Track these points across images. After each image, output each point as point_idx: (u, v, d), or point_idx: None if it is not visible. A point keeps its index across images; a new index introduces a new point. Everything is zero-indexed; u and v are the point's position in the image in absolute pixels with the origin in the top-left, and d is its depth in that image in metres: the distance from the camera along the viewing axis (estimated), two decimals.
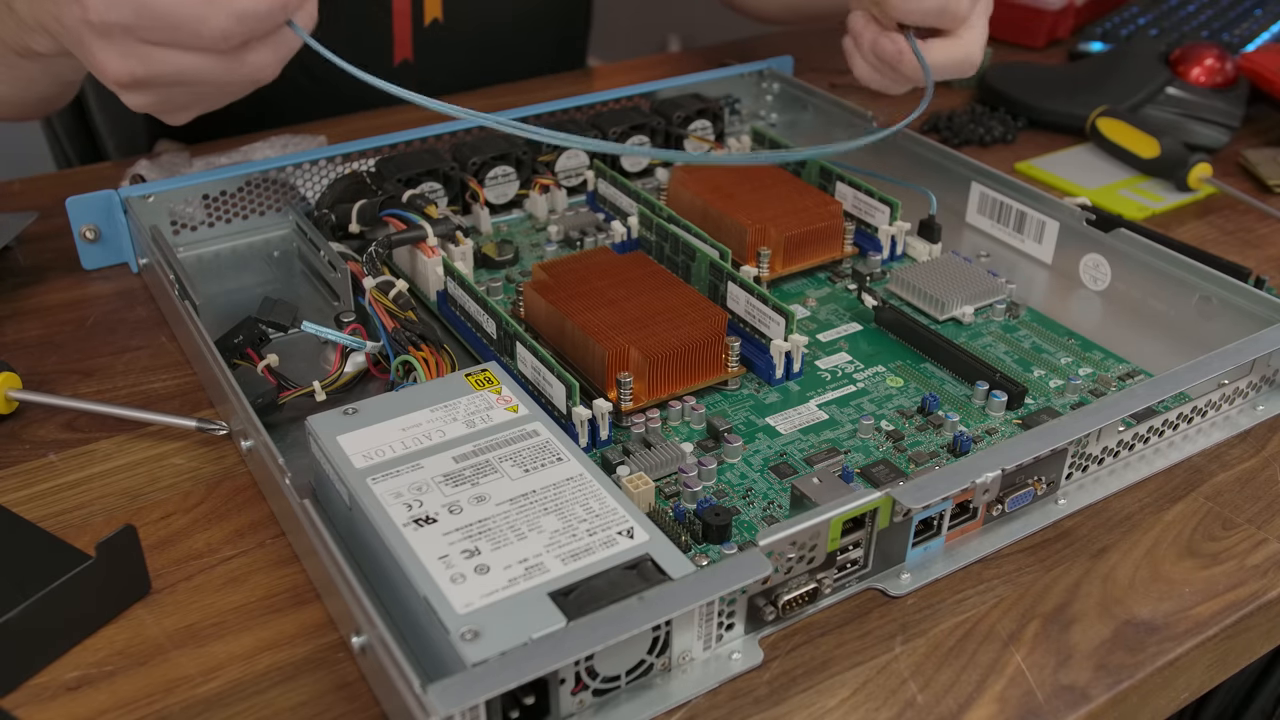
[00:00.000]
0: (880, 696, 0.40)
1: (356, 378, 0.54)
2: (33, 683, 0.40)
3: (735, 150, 0.76)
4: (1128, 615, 0.43)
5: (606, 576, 0.38)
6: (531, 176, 0.70)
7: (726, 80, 0.80)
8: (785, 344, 0.54)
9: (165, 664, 0.41)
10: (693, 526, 0.45)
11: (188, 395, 0.55)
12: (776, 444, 0.51)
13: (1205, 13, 0.99)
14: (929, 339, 0.56)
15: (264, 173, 0.66)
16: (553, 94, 0.81)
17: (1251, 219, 0.72)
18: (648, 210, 0.63)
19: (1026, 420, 0.52)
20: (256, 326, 0.55)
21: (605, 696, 0.39)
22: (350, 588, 0.38)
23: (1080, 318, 0.61)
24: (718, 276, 0.57)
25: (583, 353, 0.53)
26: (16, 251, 0.66)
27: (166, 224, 0.65)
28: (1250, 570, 0.45)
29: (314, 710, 0.39)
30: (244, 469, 0.50)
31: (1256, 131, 0.84)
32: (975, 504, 0.45)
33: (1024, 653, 0.41)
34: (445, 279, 0.58)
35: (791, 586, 0.41)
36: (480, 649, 0.35)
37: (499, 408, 0.46)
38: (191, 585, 0.44)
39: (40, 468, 0.50)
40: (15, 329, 0.60)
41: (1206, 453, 0.52)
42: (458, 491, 0.42)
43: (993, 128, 0.83)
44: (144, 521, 0.47)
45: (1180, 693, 0.43)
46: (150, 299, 0.62)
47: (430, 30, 0.89)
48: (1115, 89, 0.82)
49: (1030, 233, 0.66)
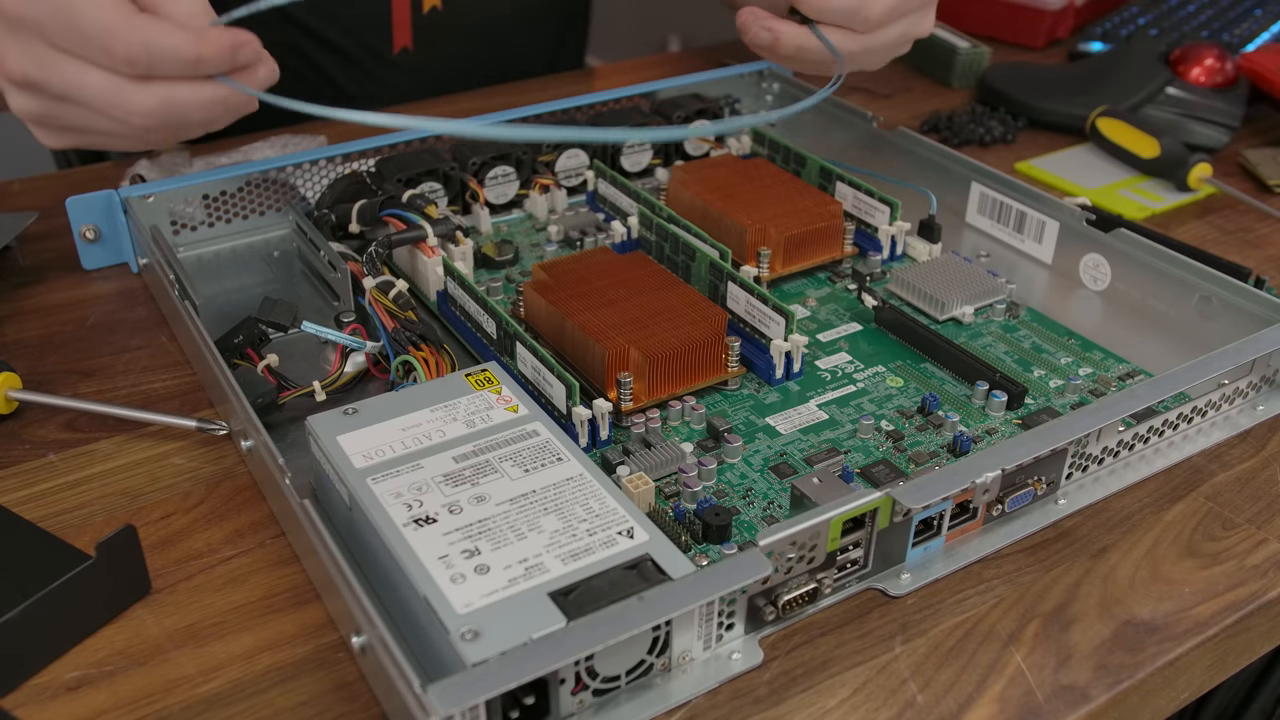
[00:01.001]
0: (880, 696, 0.40)
1: (356, 378, 0.54)
2: (33, 683, 0.40)
3: (736, 151, 0.76)
4: (1128, 615, 0.43)
5: (606, 576, 0.38)
6: (531, 176, 0.70)
7: (726, 80, 0.80)
8: (785, 344, 0.54)
9: (165, 664, 0.41)
10: (693, 526, 0.45)
11: (188, 395, 0.55)
12: (776, 444, 0.51)
13: (1205, 13, 0.99)
14: (929, 339, 0.56)
15: (264, 173, 0.66)
16: (553, 94, 0.81)
17: (1251, 219, 0.72)
18: (648, 210, 0.63)
19: (1026, 420, 0.52)
20: (256, 326, 0.55)
21: (605, 696, 0.39)
22: (350, 588, 0.38)
23: (1080, 318, 0.61)
24: (718, 276, 0.57)
25: (583, 353, 0.53)
26: (16, 251, 0.66)
27: (166, 224, 0.65)
28: (1250, 570, 0.45)
29: (314, 710, 0.39)
30: (244, 469, 0.50)
31: (1256, 131, 0.84)
32: (975, 504, 0.45)
33: (1024, 653, 0.41)
34: (445, 279, 0.58)
35: (791, 586, 0.41)
36: (480, 649, 0.35)
37: (499, 408, 0.46)
38: (191, 585, 0.44)
39: (40, 468, 0.50)
40: (15, 329, 0.60)
41: (1206, 453, 0.52)
42: (458, 491, 0.42)
43: (993, 128, 0.83)
44: (144, 521, 0.47)
45: (1180, 693, 0.43)
46: (150, 299, 0.62)
47: (429, 18, 0.89)
48: (1115, 89, 0.82)
49: (1030, 233, 0.66)
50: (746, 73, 0.81)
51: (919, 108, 0.88)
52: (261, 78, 0.48)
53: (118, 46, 0.44)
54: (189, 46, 0.44)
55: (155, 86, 0.46)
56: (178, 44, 0.44)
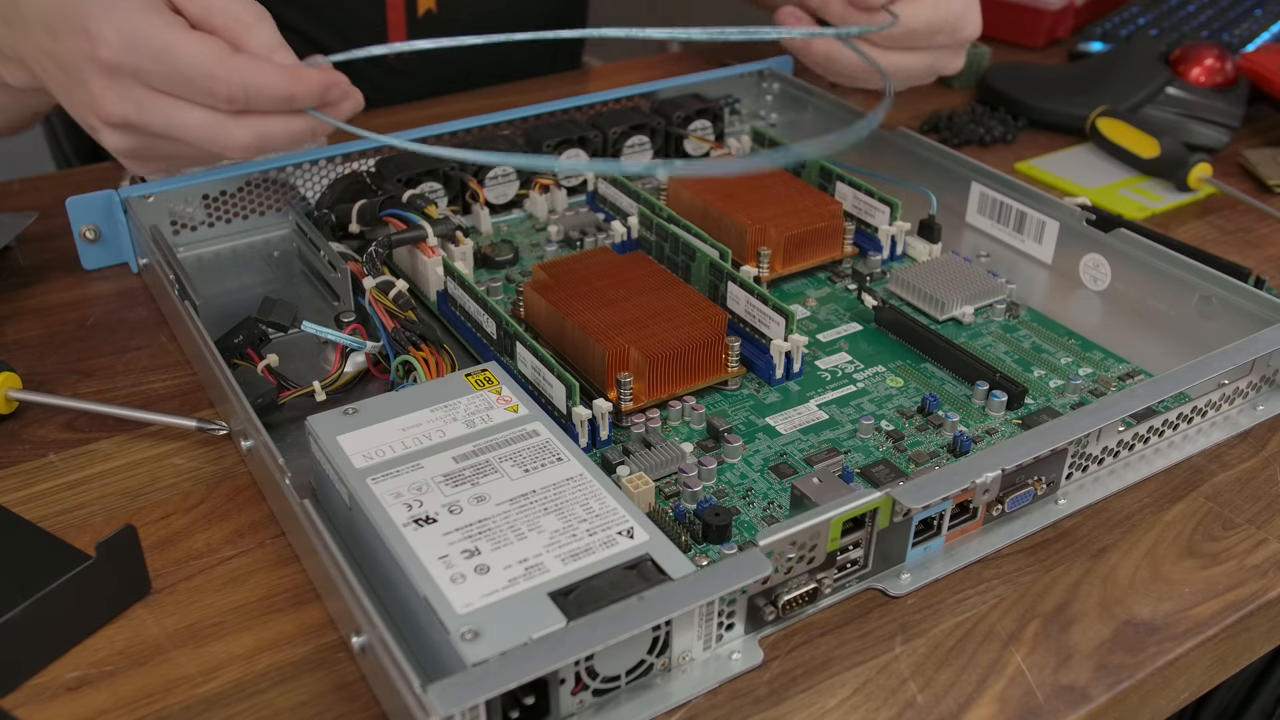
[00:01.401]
0: (880, 696, 0.40)
1: (356, 378, 0.54)
2: (33, 683, 0.40)
3: (736, 151, 0.76)
4: (1128, 615, 0.43)
5: (606, 576, 0.38)
6: (531, 176, 0.70)
7: (726, 80, 0.80)
8: (785, 344, 0.54)
9: (165, 664, 0.41)
10: (693, 526, 0.45)
11: (188, 395, 0.55)
12: (776, 444, 0.51)
13: (1205, 13, 0.99)
14: (929, 339, 0.56)
15: (264, 173, 0.66)
16: (552, 94, 0.81)
17: (1251, 219, 0.72)
18: (648, 210, 0.63)
19: (1026, 420, 0.52)
20: (256, 326, 0.55)
21: (605, 696, 0.39)
22: (350, 588, 0.38)
23: (1080, 318, 0.61)
24: (718, 276, 0.57)
25: (583, 353, 0.53)
26: (16, 251, 0.66)
27: (166, 224, 0.65)
28: (1250, 570, 0.45)
29: (314, 710, 0.39)
30: (244, 469, 0.50)
31: (1256, 131, 0.84)
32: (975, 504, 0.45)
33: (1024, 653, 0.41)
34: (445, 279, 0.58)
35: (791, 586, 0.41)
36: (480, 649, 0.35)
37: (499, 408, 0.46)
38: (191, 585, 0.44)
39: (40, 468, 0.50)
40: (15, 329, 0.60)
41: (1206, 453, 0.52)
42: (458, 491, 0.42)
43: (993, 128, 0.83)
44: (144, 521, 0.47)
45: (1180, 693, 0.43)
46: (150, 299, 0.62)
47: (424, 21, 0.89)
48: (1115, 89, 0.82)
49: (1030, 233, 0.66)
50: (746, 73, 0.81)
51: (919, 108, 0.88)
52: (346, 110, 0.51)
53: (219, 87, 0.46)
54: (285, 85, 0.47)
55: (250, 121, 0.48)
56: (274, 83, 0.46)
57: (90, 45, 0.47)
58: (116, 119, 0.49)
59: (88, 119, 0.51)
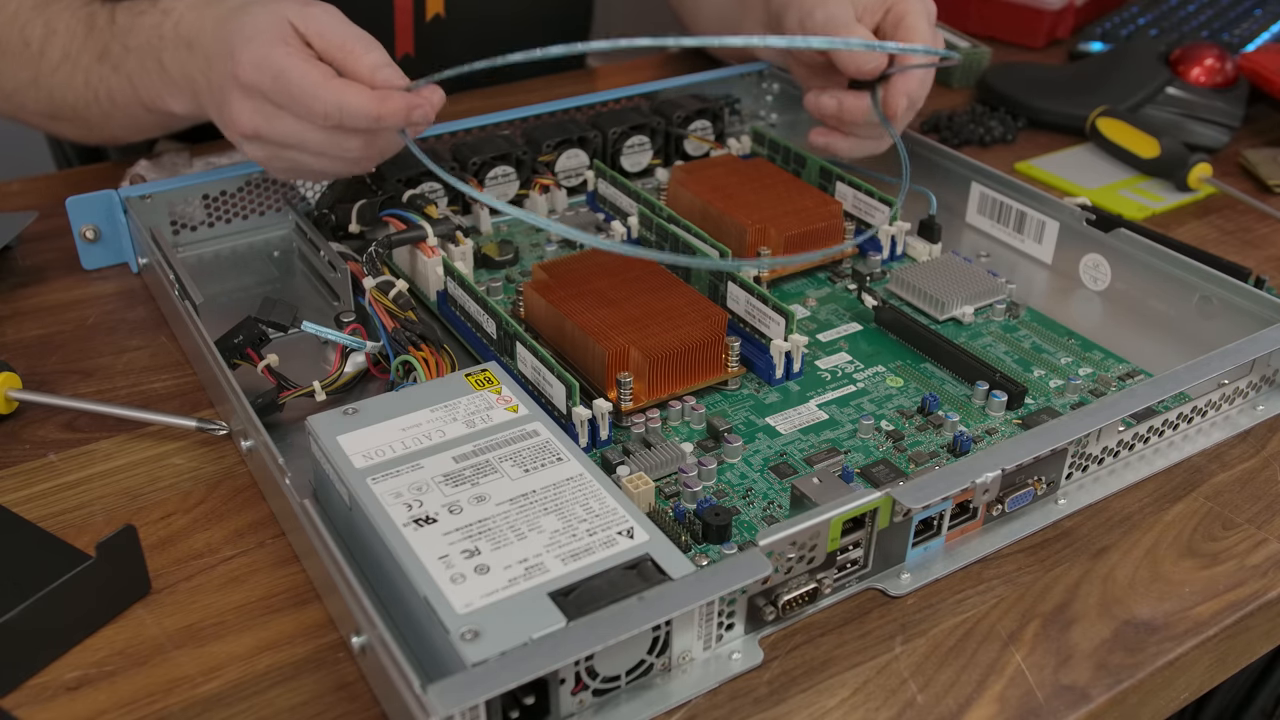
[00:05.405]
0: (880, 696, 0.40)
1: (356, 378, 0.54)
2: (33, 683, 0.40)
3: (736, 151, 0.76)
4: (1128, 615, 0.43)
5: (606, 576, 0.38)
6: (531, 176, 0.70)
7: (726, 80, 0.80)
8: (785, 344, 0.54)
9: (165, 664, 0.41)
10: (693, 526, 0.45)
11: (188, 395, 0.55)
12: (776, 444, 0.51)
13: (1205, 13, 0.99)
14: (929, 339, 0.56)
15: (264, 173, 0.66)
16: (554, 94, 0.81)
17: (1251, 219, 0.72)
18: (648, 210, 0.63)
19: (1026, 420, 0.52)
20: (256, 326, 0.55)
21: (605, 696, 0.39)
22: (350, 588, 0.38)
23: (1080, 318, 0.61)
24: (718, 276, 0.57)
25: (583, 353, 0.53)
26: (16, 251, 0.66)
27: (166, 224, 0.65)
28: (1250, 570, 0.45)
29: (314, 710, 0.39)
30: (244, 469, 0.50)
31: (1256, 131, 0.84)
32: (975, 504, 0.45)
33: (1024, 653, 0.41)
34: (445, 279, 0.58)
35: (791, 586, 0.41)
36: (480, 649, 0.35)
37: (499, 408, 0.46)
38: (191, 585, 0.44)
39: (40, 468, 0.50)
40: (15, 329, 0.60)
41: (1206, 453, 0.52)
42: (458, 491, 0.42)
43: (993, 128, 0.83)
44: (144, 521, 0.47)
45: (1180, 693, 0.43)
46: (150, 299, 0.62)
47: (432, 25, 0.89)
48: (1115, 89, 0.82)
49: (1030, 233, 0.66)
50: (746, 73, 0.81)
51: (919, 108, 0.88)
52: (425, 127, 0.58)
53: (317, 105, 0.53)
54: (373, 108, 0.53)
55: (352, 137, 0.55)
56: (364, 106, 0.53)
57: (233, 65, 0.55)
58: (249, 130, 0.56)
59: (230, 132, 0.58)
